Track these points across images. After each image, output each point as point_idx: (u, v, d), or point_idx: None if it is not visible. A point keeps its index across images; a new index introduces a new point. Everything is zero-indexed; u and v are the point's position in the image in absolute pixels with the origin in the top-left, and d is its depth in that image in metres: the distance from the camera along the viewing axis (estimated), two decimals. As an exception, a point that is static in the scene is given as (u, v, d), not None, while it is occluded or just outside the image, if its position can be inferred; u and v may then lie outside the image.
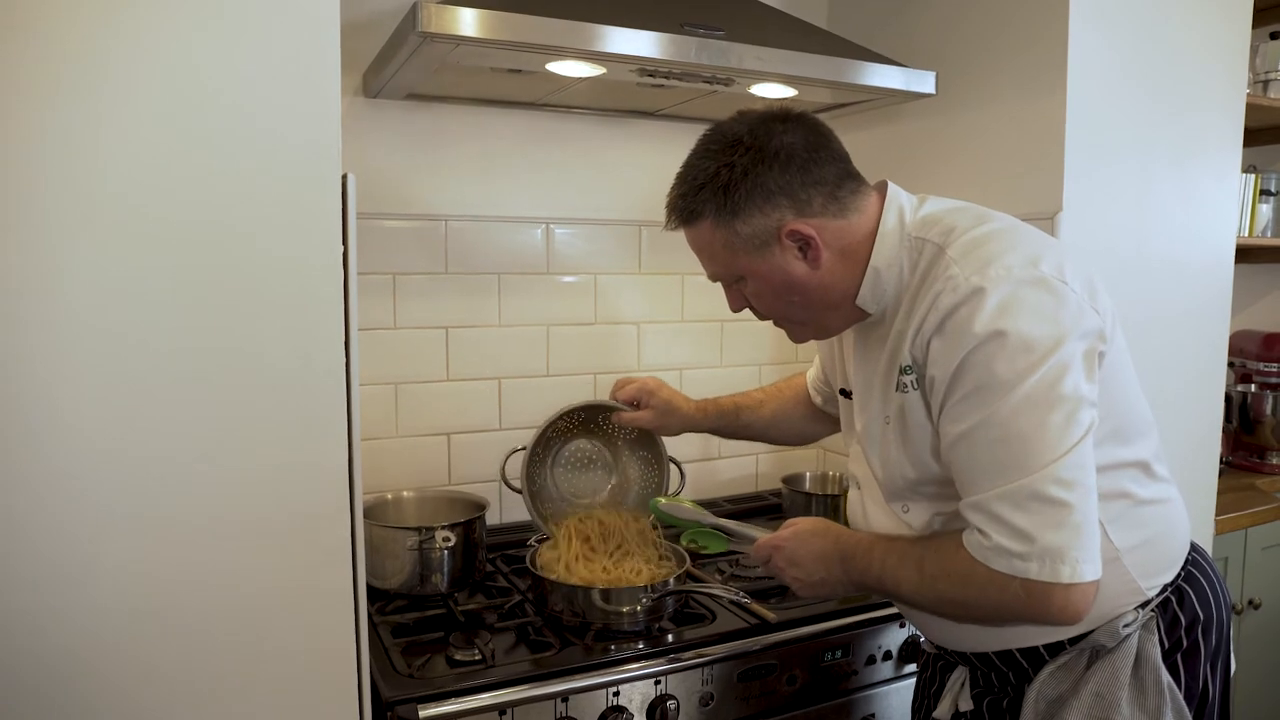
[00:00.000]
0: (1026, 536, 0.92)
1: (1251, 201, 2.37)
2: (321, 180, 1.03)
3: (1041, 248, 1.01)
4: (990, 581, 0.95)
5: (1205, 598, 1.11)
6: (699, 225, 1.08)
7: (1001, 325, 0.93)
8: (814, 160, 1.04)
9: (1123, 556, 1.05)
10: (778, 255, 1.06)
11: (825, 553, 1.14)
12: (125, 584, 0.98)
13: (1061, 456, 0.92)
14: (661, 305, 1.99)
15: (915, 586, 1.04)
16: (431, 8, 1.23)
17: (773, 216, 1.04)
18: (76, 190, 0.93)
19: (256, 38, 0.99)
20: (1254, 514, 2.10)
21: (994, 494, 0.94)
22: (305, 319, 1.03)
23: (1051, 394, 0.93)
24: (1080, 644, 1.06)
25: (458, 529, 1.49)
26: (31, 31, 0.90)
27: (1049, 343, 0.93)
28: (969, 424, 0.96)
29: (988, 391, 0.94)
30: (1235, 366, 2.55)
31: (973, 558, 0.96)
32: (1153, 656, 1.04)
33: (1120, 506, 1.05)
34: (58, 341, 0.93)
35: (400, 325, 1.75)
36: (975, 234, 1.02)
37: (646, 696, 1.28)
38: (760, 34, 1.47)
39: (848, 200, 1.06)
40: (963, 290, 0.96)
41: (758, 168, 1.02)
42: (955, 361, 0.96)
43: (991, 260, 0.97)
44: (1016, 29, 1.67)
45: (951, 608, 1.03)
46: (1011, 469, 0.93)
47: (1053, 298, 0.96)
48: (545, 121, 1.83)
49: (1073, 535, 0.92)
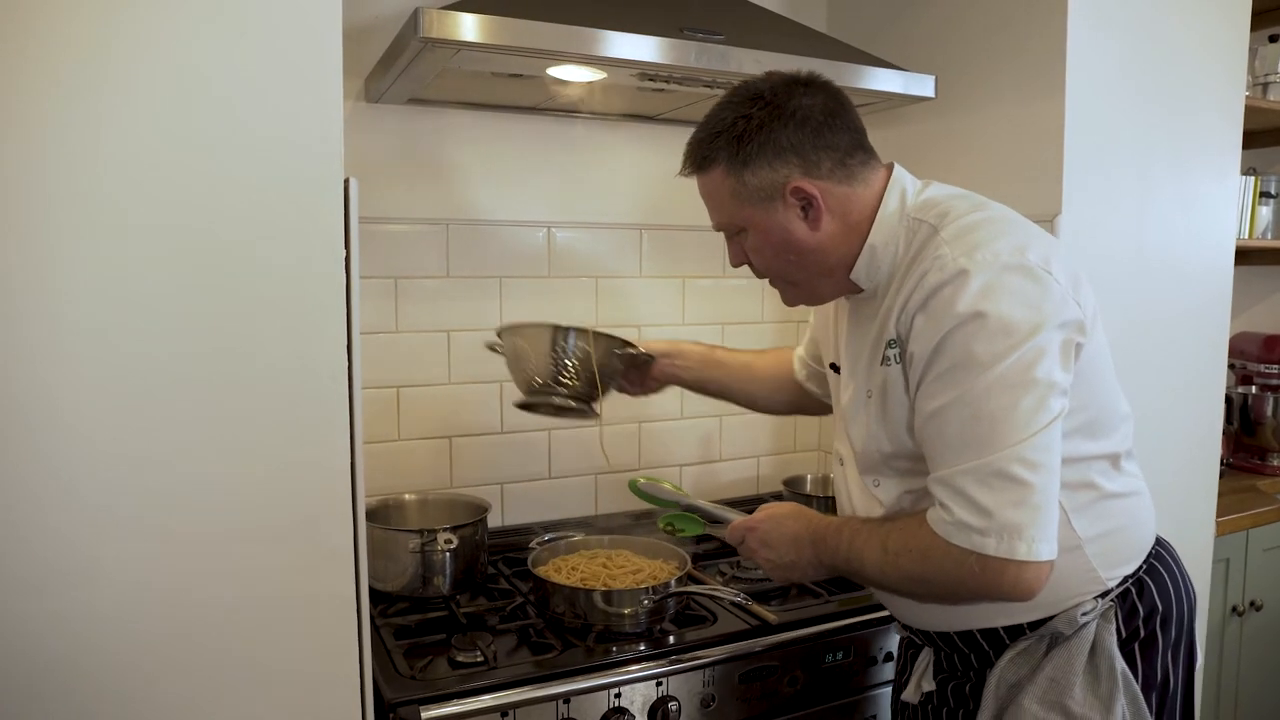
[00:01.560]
0: (986, 512, 0.95)
1: (1251, 204, 2.38)
2: (324, 184, 1.04)
3: (1030, 238, 1.04)
4: (948, 556, 0.98)
5: (1166, 590, 1.13)
6: (711, 171, 1.11)
7: (983, 307, 0.96)
8: (829, 125, 1.08)
9: (1084, 545, 1.08)
10: (781, 211, 1.09)
11: (798, 535, 1.17)
12: (126, 587, 0.98)
13: (1029, 438, 0.95)
14: (663, 308, 2.00)
15: (879, 564, 1.06)
16: (433, 13, 1.24)
17: (780, 172, 1.07)
18: (77, 193, 0.93)
19: (259, 42, 0.99)
20: (1255, 515, 2.10)
21: (959, 469, 0.97)
22: (307, 322, 1.04)
23: (1025, 377, 0.96)
24: (1039, 630, 1.09)
25: (459, 531, 1.50)
26: (32, 35, 0.90)
27: (1027, 327, 0.96)
28: (942, 401, 0.99)
29: (963, 370, 0.97)
30: (1235, 368, 2.55)
31: (934, 533, 0.99)
32: (1108, 645, 1.07)
33: (1086, 497, 1.08)
34: (58, 344, 0.94)
35: (402, 328, 1.76)
36: (969, 219, 1.05)
37: (648, 698, 1.29)
38: (759, 38, 1.48)
39: (856, 170, 1.10)
40: (949, 270, 0.99)
41: (773, 123, 1.06)
42: (935, 339, 0.99)
43: (980, 245, 1.00)
44: (1015, 32, 1.68)
45: (912, 584, 1.06)
46: (979, 446, 0.96)
47: (1036, 285, 0.98)
48: (546, 125, 1.84)
49: (1031, 514, 0.95)
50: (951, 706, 1.18)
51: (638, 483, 1.45)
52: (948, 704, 1.19)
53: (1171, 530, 1.25)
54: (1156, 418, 1.81)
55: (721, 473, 2.12)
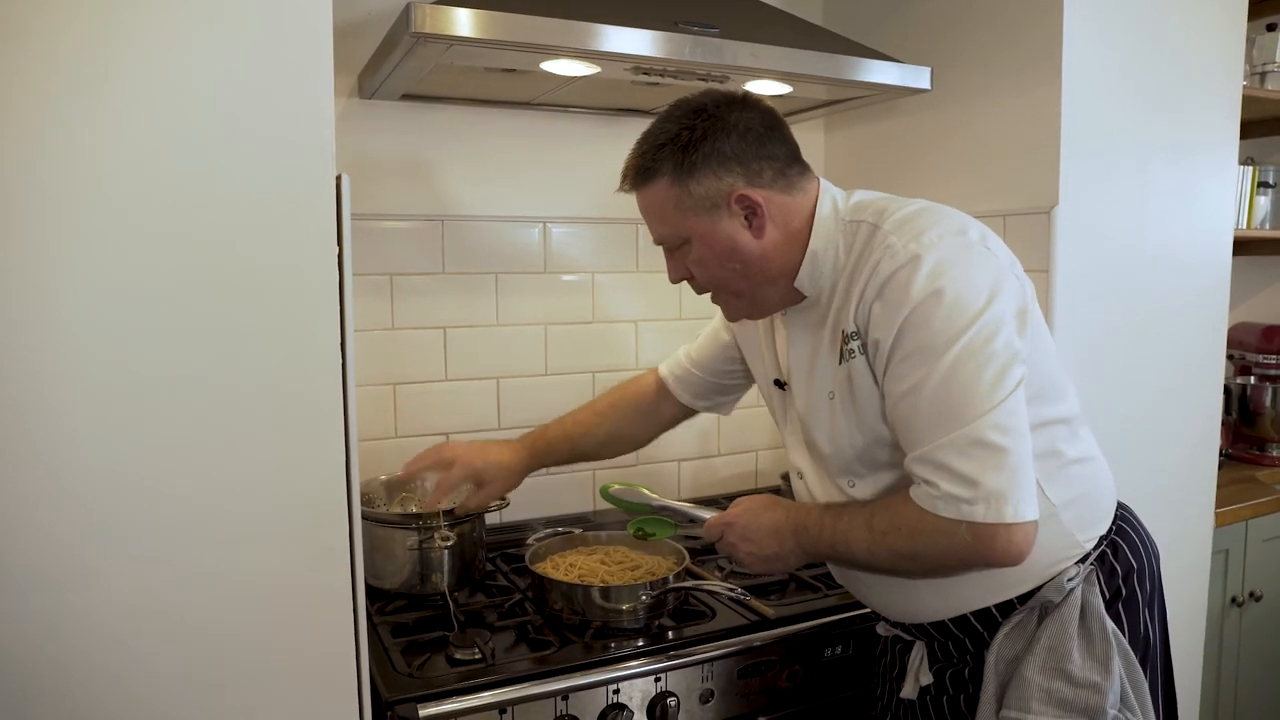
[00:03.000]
0: (971, 481, 0.98)
1: (1249, 193, 2.37)
2: (316, 181, 1.03)
3: (966, 220, 1.10)
4: (938, 529, 1.01)
5: (1136, 548, 1.19)
6: (654, 184, 1.13)
7: (938, 285, 1.01)
8: (768, 138, 1.12)
9: (1059, 512, 1.12)
10: (725, 220, 1.11)
11: (777, 525, 1.18)
12: (121, 588, 0.98)
13: (998, 405, 0.99)
14: (659, 304, 1.99)
15: (867, 546, 1.08)
16: (425, 8, 1.23)
17: (725, 180, 1.10)
18: (71, 191, 0.93)
19: (250, 40, 0.99)
20: (1254, 506, 2.10)
21: (937, 445, 1.00)
22: (301, 320, 1.04)
23: (986, 349, 1.00)
24: (1029, 602, 1.12)
25: (457, 528, 1.50)
26: (27, 34, 0.90)
27: (981, 301, 1.01)
28: (911, 381, 1.03)
29: (927, 349, 1.01)
30: (1234, 359, 2.55)
31: (921, 509, 1.02)
32: (1096, 607, 1.10)
33: (1051, 465, 1.12)
34: (51, 341, 0.93)
35: (398, 326, 1.75)
36: (905, 211, 1.10)
37: (647, 694, 1.28)
38: (755, 31, 1.47)
39: (795, 180, 1.14)
40: (901, 256, 1.04)
41: (717, 133, 1.09)
42: (897, 323, 1.03)
43: (925, 229, 1.05)
44: (1011, 23, 1.67)
45: (904, 562, 1.08)
46: (952, 420, 1.00)
47: (982, 260, 1.05)
48: (541, 121, 1.83)
49: (1011, 477, 0.98)
50: (951, 694, 1.19)
51: (610, 488, 1.45)
52: (947, 692, 1.19)
53: (1171, 521, 1.26)
54: (1155, 409, 1.81)
55: (719, 468, 2.11)
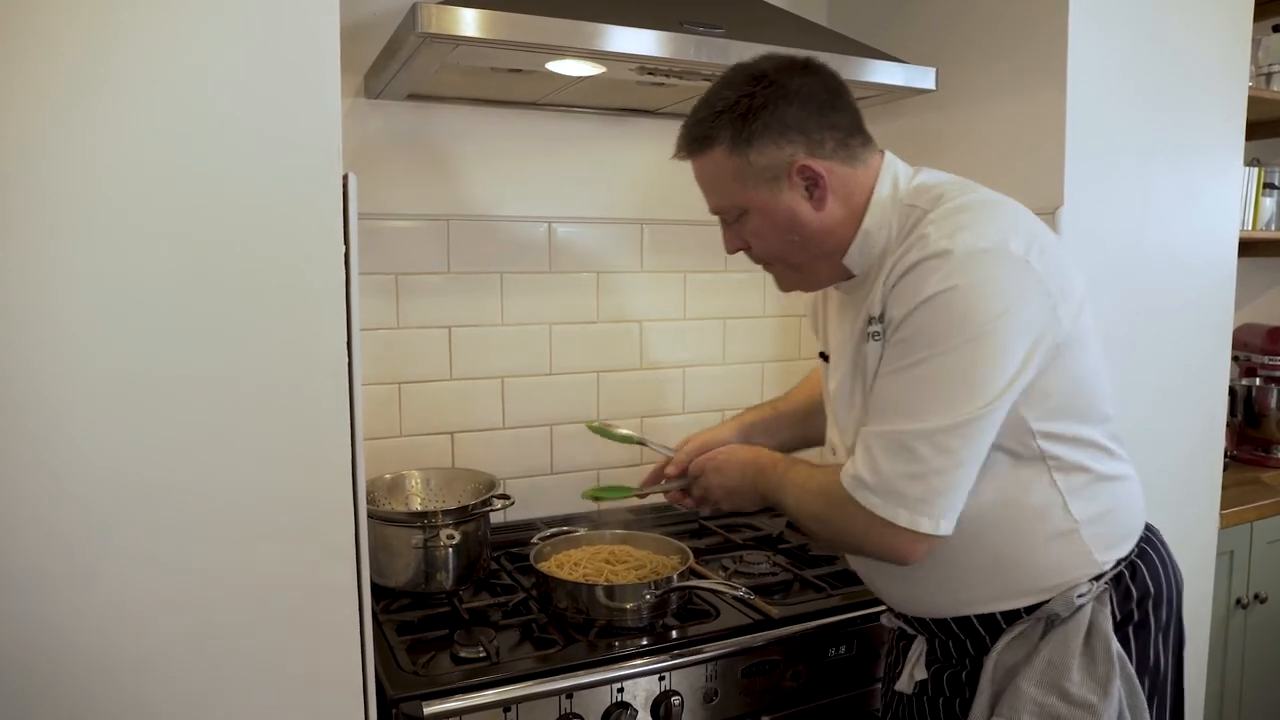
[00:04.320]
0: (879, 473, 1.01)
1: (1255, 195, 2.36)
2: (322, 181, 1.04)
3: (1016, 225, 1.04)
4: (842, 503, 1.04)
5: (1157, 573, 1.14)
6: (711, 152, 1.10)
7: (953, 284, 0.98)
8: (831, 106, 1.08)
9: (1081, 529, 1.09)
10: (785, 191, 1.09)
11: (746, 462, 1.23)
12: (125, 585, 0.99)
13: (949, 424, 0.98)
14: (664, 303, 1.99)
15: (795, 499, 1.13)
16: (431, 8, 1.23)
17: (786, 150, 1.07)
18: (75, 190, 0.93)
19: (256, 39, 0.99)
20: (1259, 507, 2.09)
21: (877, 429, 1.02)
22: (307, 319, 1.04)
23: (970, 368, 0.98)
24: (1036, 613, 1.10)
25: (462, 527, 1.50)
26: (30, 33, 0.90)
27: (990, 318, 0.97)
28: (891, 366, 1.03)
29: (917, 343, 1.00)
30: (1240, 360, 2.54)
31: (836, 482, 1.05)
32: (1104, 627, 1.08)
33: (1081, 479, 1.09)
34: (54, 341, 0.94)
35: (403, 325, 1.76)
36: (959, 201, 1.06)
37: (650, 692, 1.29)
38: (760, 31, 1.47)
39: (857, 151, 1.11)
40: (930, 249, 1.01)
41: (778, 101, 1.05)
42: (906, 310, 1.01)
43: (964, 227, 1.01)
44: (1016, 24, 1.67)
45: (815, 524, 1.12)
46: (901, 414, 1.00)
47: (1011, 275, 0.99)
48: (546, 121, 1.83)
49: (923, 490, 0.99)
50: (947, 695, 1.18)
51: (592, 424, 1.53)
52: (943, 693, 1.19)
53: (1175, 522, 1.25)
54: (1160, 410, 1.80)
55: (724, 467, 2.11)
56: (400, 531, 1.49)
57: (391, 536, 1.49)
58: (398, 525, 1.50)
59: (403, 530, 1.49)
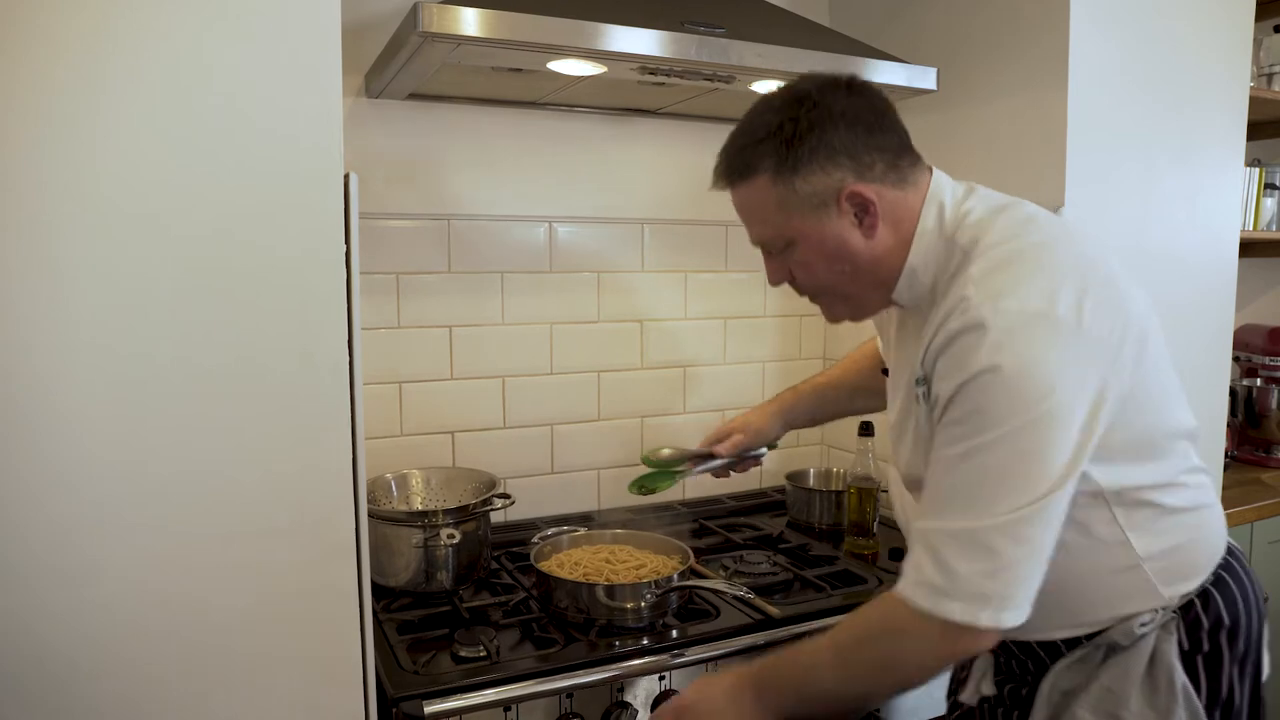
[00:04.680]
0: (957, 578, 0.92)
1: (1256, 195, 2.36)
2: (324, 180, 1.04)
3: (1065, 276, 0.95)
4: (910, 623, 0.94)
5: (1234, 602, 1.07)
6: (754, 181, 1.03)
7: (998, 361, 0.90)
8: (879, 126, 1.02)
9: (1143, 564, 1.03)
10: (834, 219, 1.02)
11: (729, 688, 1.05)
12: (128, 585, 0.99)
13: (1022, 508, 0.90)
14: (665, 303, 1.99)
15: (834, 670, 1.00)
16: (432, 8, 1.23)
17: (834, 176, 1.00)
18: (77, 190, 0.93)
19: (258, 39, 0.99)
20: (1259, 508, 2.09)
21: (945, 528, 0.94)
22: (308, 318, 1.04)
23: (1034, 445, 0.91)
24: (1096, 640, 1.06)
25: (462, 526, 1.50)
26: (33, 32, 0.90)
27: (1042, 395, 0.90)
28: (949, 450, 0.95)
29: (972, 428, 0.92)
30: (1240, 361, 2.54)
31: (892, 606, 0.96)
32: (1168, 656, 1.03)
33: (1144, 515, 1.03)
34: (59, 341, 0.94)
35: (404, 324, 1.76)
36: (1002, 252, 0.98)
37: (650, 692, 1.29)
38: (761, 31, 1.47)
39: (906, 172, 1.05)
40: (970, 318, 0.93)
41: (824, 124, 0.99)
42: (953, 387, 0.94)
43: (1005, 291, 0.94)
44: (1018, 24, 1.67)
45: (879, 675, 0.99)
46: (969, 508, 0.92)
47: (1059, 340, 0.92)
48: (547, 120, 1.83)
49: (1000, 585, 0.91)
50: (1008, 707, 1.16)
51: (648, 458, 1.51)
52: (1004, 704, 1.17)
53: (1175, 523, 1.24)
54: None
55: (724, 467, 2.11)
56: (401, 531, 1.49)
57: (392, 536, 1.49)
58: (398, 524, 1.50)
59: (403, 529, 1.49)
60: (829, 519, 1.87)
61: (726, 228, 1.99)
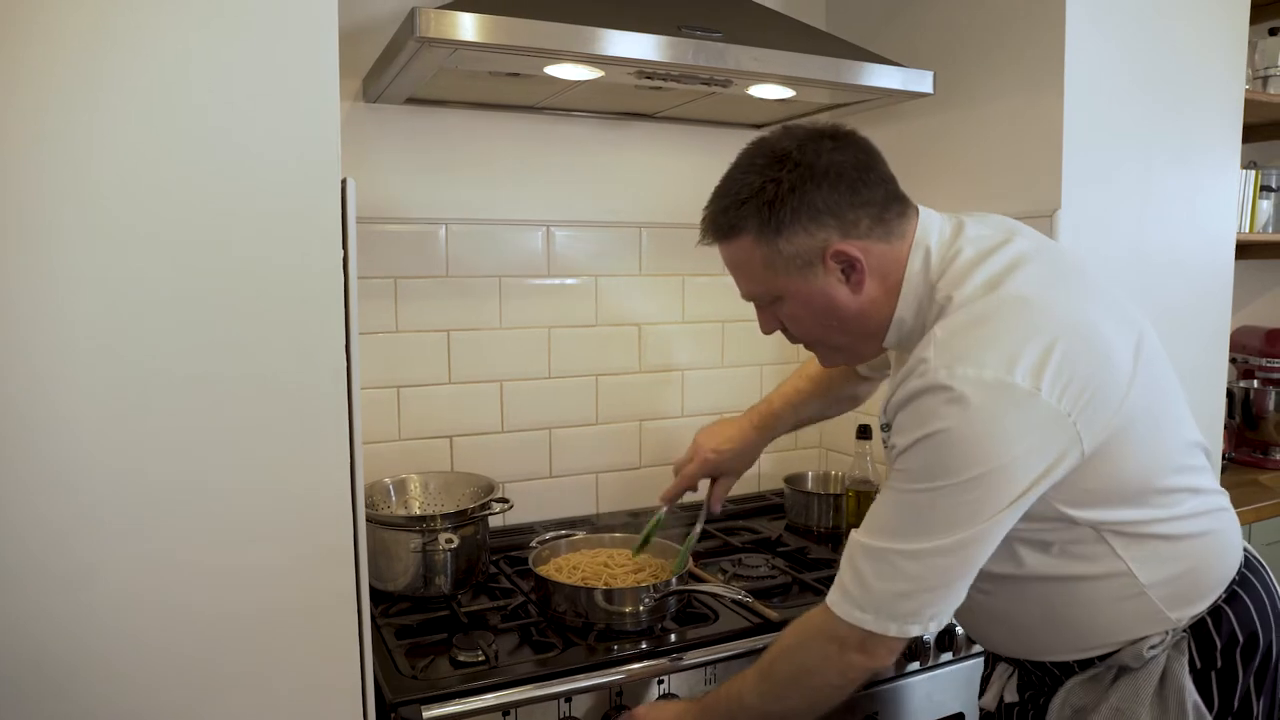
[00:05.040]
0: (871, 592, 0.98)
1: (1252, 198, 2.37)
2: (321, 185, 1.04)
3: (1028, 340, 0.93)
4: (831, 627, 1.01)
5: (1249, 618, 1.06)
6: (738, 241, 1.05)
7: (949, 425, 0.92)
8: (863, 181, 1.02)
9: (1148, 591, 1.03)
10: (820, 277, 1.03)
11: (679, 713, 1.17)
12: (125, 588, 0.98)
13: (944, 548, 0.95)
14: (663, 307, 1.99)
15: (755, 686, 1.08)
16: (430, 13, 1.23)
17: (818, 236, 1.01)
18: (74, 195, 0.93)
19: (255, 43, 0.99)
20: (1257, 509, 2.09)
21: (868, 544, 0.99)
22: (306, 323, 1.04)
23: (971, 497, 0.93)
24: (1108, 661, 1.06)
25: (460, 531, 1.50)
26: (29, 38, 0.90)
27: (990, 454, 0.92)
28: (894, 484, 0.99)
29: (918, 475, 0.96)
30: (1237, 363, 2.54)
31: (812, 614, 1.04)
32: (1179, 676, 1.02)
33: (1148, 548, 1.02)
34: (57, 345, 0.94)
35: (402, 329, 1.76)
36: (969, 313, 0.98)
37: (650, 696, 1.28)
38: (758, 35, 1.47)
39: (893, 224, 1.04)
40: (929, 380, 0.94)
41: (805, 185, 0.99)
42: (909, 441, 0.96)
43: (963, 357, 0.93)
44: (1014, 27, 1.67)
45: (791, 690, 1.06)
46: (895, 535, 0.97)
47: (1013, 413, 0.92)
48: (544, 124, 1.83)
49: (916, 605, 0.97)
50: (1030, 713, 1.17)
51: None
52: (1026, 713, 1.18)
53: (1173, 525, 1.24)
54: (1158, 413, 1.80)
55: (722, 471, 2.11)
56: (399, 535, 1.49)
57: (390, 540, 1.49)
58: (396, 529, 1.49)
59: (401, 534, 1.49)
60: (827, 522, 1.87)
61: (724, 231, 1.99)
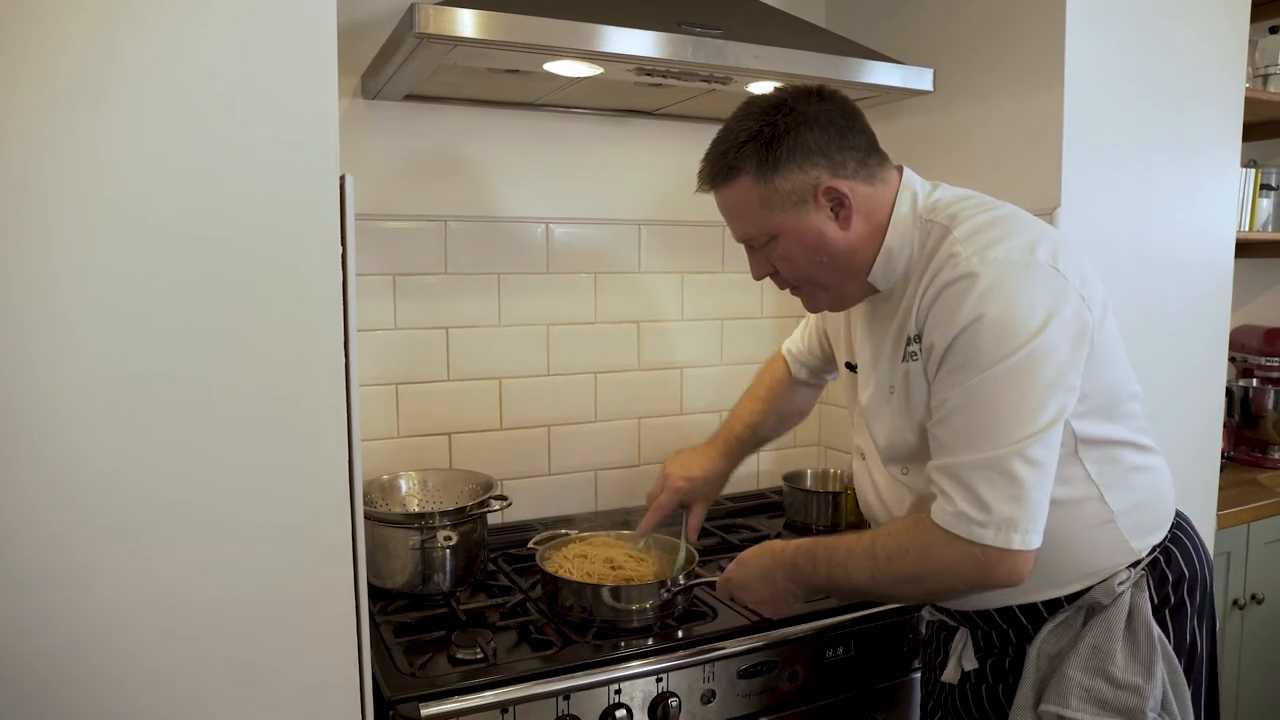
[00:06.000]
0: (985, 505, 1.01)
1: (1252, 196, 2.37)
2: (320, 181, 1.04)
3: (1039, 235, 1.07)
4: (949, 547, 1.03)
5: (1190, 557, 1.19)
6: (737, 182, 1.12)
7: (991, 307, 1.00)
8: (849, 129, 1.12)
9: (1117, 519, 1.13)
10: (812, 213, 1.11)
11: (765, 570, 1.23)
12: (122, 587, 0.98)
13: (1031, 436, 1.00)
14: (662, 304, 1.99)
15: (871, 572, 1.10)
16: (429, 9, 1.23)
17: (810, 174, 1.10)
18: (74, 192, 0.93)
19: (254, 40, 0.99)
20: (1256, 509, 2.10)
21: (963, 461, 1.03)
22: (304, 320, 1.04)
23: (1032, 375, 1.00)
24: (1077, 602, 1.14)
25: (459, 528, 1.50)
26: (30, 35, 0.90)
27: (1034, 326, 1.00)
28: (953, 393, 1.04)
29: (973, 366, 1.02)
30: (1236, 361, 2.54)
31: (931, 529, 1.05)
32: (1144, 611, 1.12)
33: (1114, 472, 1.13)
34: (55, 341, 0.94)
35: (401, 326, 1.76)
36: (980, 219, 1.09)
37: (648, 694, 1.28)
38: (757, 32, 1.47)
39: (876, 170, 1.14)
40: (961, 269, 1.03)
41: (799, 128, 1.09)
42: (949, 336, 1.03)
43: (991, 244, 1.04)
44: (1014, 25, 1.67)
45: (907, 585, 1.10)
46: (983, 440, 1.01)
47: (1044, 283, 1.02)
48: (544, 121, 1.83)
49: (1024, 509, 1.01)
50: (990, 683, 1.21)
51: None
52: (986, 680, 1.21)
53: (1172, 524, 1.25)
54: (1157, 410, 1.79)
55: (721, 468, 2.11)
56: (397, 533, 1.49)
57: (389, 538, 1.49)
58: (395, 526, 1.49)
59: (400, 531, 1.48)
60: (826, 520, 1.87)
61: (723, 229, 1.96)
